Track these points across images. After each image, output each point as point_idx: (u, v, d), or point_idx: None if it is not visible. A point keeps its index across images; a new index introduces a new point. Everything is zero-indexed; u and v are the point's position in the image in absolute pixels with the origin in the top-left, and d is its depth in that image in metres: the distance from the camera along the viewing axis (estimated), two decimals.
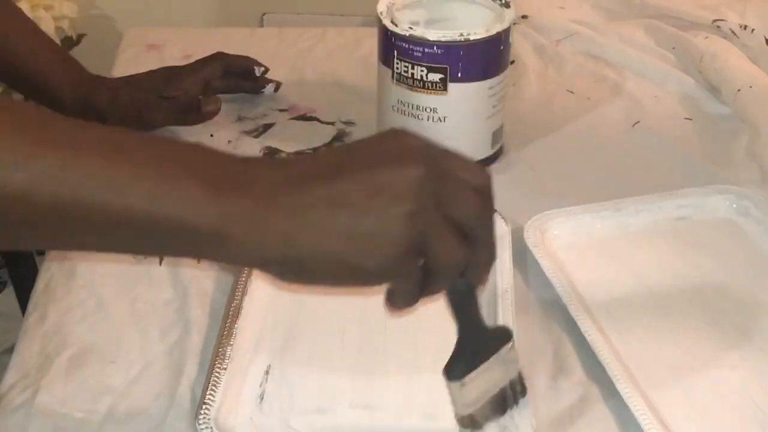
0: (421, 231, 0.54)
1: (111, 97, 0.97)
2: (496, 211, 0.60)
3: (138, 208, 0.52)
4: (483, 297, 0.78)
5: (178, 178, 0.53)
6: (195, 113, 0.99)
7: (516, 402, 0.65)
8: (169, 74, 1.01)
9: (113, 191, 0.51)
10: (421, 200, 0.54)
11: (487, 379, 0.62)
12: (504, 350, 0.62)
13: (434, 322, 0.76)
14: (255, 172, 0.55)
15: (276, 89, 1.07)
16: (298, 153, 0.98)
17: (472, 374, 0.61)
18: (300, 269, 0.55)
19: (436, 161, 0.56)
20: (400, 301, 0.58)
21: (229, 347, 0.72)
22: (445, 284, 0.58)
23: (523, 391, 0.66)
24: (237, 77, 1.05)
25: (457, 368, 0.61)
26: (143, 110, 0.97)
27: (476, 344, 0.61)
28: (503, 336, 0.63)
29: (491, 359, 0.61)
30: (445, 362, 0.62)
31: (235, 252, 0.54)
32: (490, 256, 0.59)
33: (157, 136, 0.54)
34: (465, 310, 0.61)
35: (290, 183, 0.54)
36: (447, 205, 0.55)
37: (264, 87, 1.07)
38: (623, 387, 0.69)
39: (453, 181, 0.56)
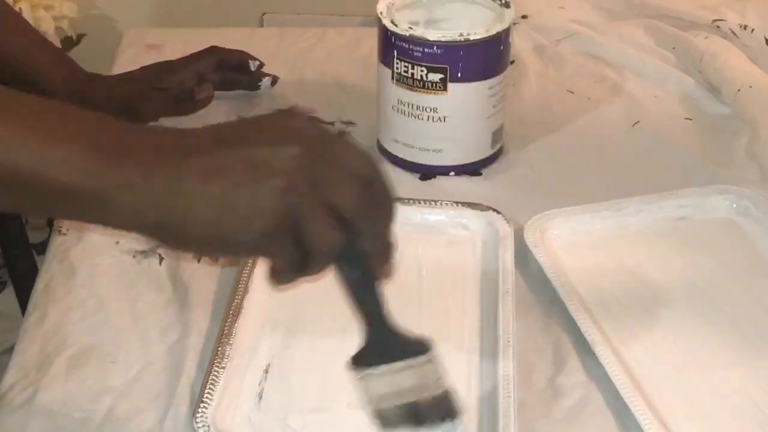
0: (292, 209, 0.55)
1: (106, 93, 0.98)
2: (394, 203, 0.60)
3: (25, 167, 0.54)
4: (485, 297, 0.79)
5: (64, 141, 0.55)
6: (188, 102, 1.00)
7: (440, 420, 0.63)
8: (162, 67, 1.02)
9: (2, 149, 0.54)
10: (294, 179, 0.55)
11: (394, 382, 0.61)
12: (420, 360, 0.61)
13: (434, 324, 0.77)
14: (142, 139, 0.57)
15: (273, 83, 1.07)
16: None
17: (372, 371, 0.61)
18: (176, 236, 0.57)
19: (321, 145, 0.57)
20: (277, 277, 0.59)
21: (228, 346, 0.72)
22: (321, 267, 0.58)
23: (452, 414, 0.64)
24: (231, 71, 1.05)
25: (355, 359, 0.62)
26: (137, 102, 0.98)
27: (382, 342, 0.61)
28: (420, 346, 0.62)
29: (401, 364, 0.61)
30: (446, 362, 0.62)
31: (115, 216, 0.56)
32: (381, 249, 0.60)
33: (58, 103, 0.57)
34: (362, 300, 0.61)
35: (174, 152, 0.56)
36: (324, 189, 0.56)
37: (260, 81, 1.06)
38: (623, 387, 0.69)
39: (333, 166, 0.56)
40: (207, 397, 0.67)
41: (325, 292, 0.79)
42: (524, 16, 1.21)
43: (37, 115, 0.56)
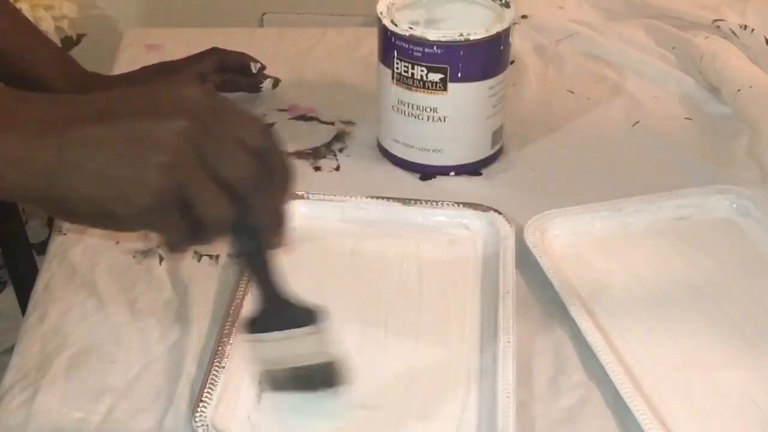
0: (176, 184, 0.54)
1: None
2: (288, 172, 0.59)
3: None
4: (486, 298, 0.79)
5: None
6: None
7: (323, 386, 0.67)
8: (163, 68, 1.01)
9: None
10: (179, 153, 0.54)
11: (283, 349, 0.64)
12: (309, 329, 0.64)
13: (435, 324, 0.77)
14: (28, 110, 0.56)
15: (275, 85, 1.07)
16: (298, 153, 0.98)
17: (263, 335, 0.63)
18: (62, 208, 0.56)
19: (211, 117, 0.56)
20: (169, 247, 0.58)
21: (228, 346, 0.72)
22: (213, 238, 0.58)
23: (336, 382, 0.67)
24: (232, 73, 1.05)
25: (251, 323, 0.64)
26: None
27: (274, 310, 0.63)
28: (312, 316, 0.64)
29: (290, 332, 0.63)
30: (442, 364, 0.62)
31: (1, 188, 0.55)
32: (274, 221, 0.59)
33: None
34: (255, 272, 0.62)
35: (59, 123, 0.55)
36: (212, 163, 0.55)
37: (261, 84, 1.06)
38: (623, 387, 0.69)
39: (223, 139, 0.56)
40: (206, 397, 0.67)
41: (325, 291, 0.79)
42: (524, 16, 1.21)
43: None
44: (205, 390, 0.68)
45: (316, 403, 0.70)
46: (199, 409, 0.66)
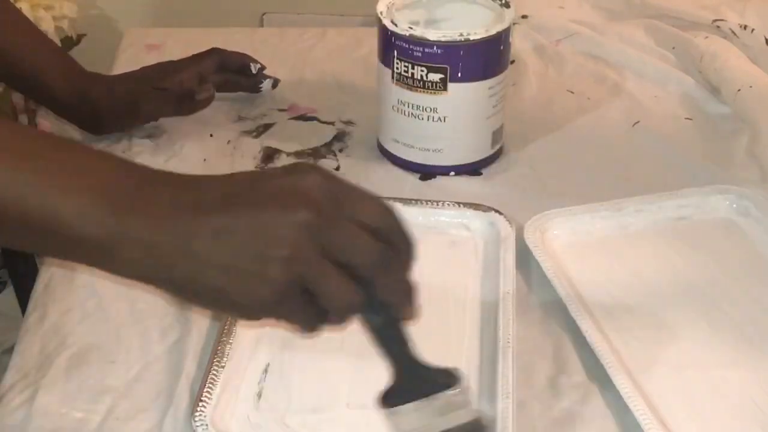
0: (299, 276, 0.55)
1: (106, 91, 0.98)
2: (411, 246, 0.60)
3: (33, 211, 0.54)
4: (486, 298, 0.79)
5: (76, 186, 0.55)
6: (189, 102, 1.00)
7: None
8: (164, 67, 1.02)
9: (14, 194, 0.54)
10: (300, 246, 0.55)
11: (424, 417, 0.61)
12: (448, 393, 0.61)
13: (435, 324, 0.77)
14: (155, 191, 0.56)
15: (274, 86, 1.07)
16: (297, 153, 0.98)
17: (402, 407, 0.61)
18: (184, 293, 0.57)
19: (332, 204, 0.56)
20: (299, 330, 0.59)
21: (228, 345, 0.72)
22: (341, 321, 0.59)
23: None
24: (233, 73, 1.05)
25: (385, 397, 0.61)
26: (138, 101, 0.98)
27: (411, 380, 0.61)
28: (449, 378, 0.62)
29: (431, 398, 0.61)
30: (446, 362, 0.62)
31: (122, 268, 0.57)
32: (402, 296, 0.59)
33: (74, 143, 0.57)
34: (388, 345, 0.61)
35: (185, 208, 0.55)
36: (336, 251, 0.55)
37: (261, 84, 1.06)
38: (623, 387, 0.69)
39: (345, 226, 0.56)
40: (206, 396, 0.67)
41: None
42: (524, 16, 1.21)
43: (51, 154, 0.56)
44: (205, 390, 0.68)
45: (315, 402, 0.70)
46: (198, 409, 0.66)
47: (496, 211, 0.86)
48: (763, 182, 0.94)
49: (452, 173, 0.95)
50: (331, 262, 0.56)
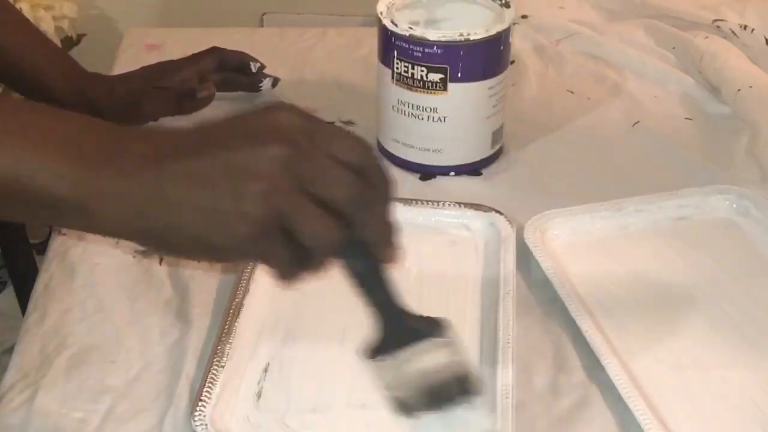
0: (278, 212, 0.54)
1: (107, 90, 0.98)
2: (387, 181, 0.58)
3: (5, 174, 0.54)
4: (486, 298, 0.79)
5: (45, 147, 0.54)
6: (190, 101, 1.00)
7: (459, 399, 0.63)
8: (164, 67, 1.02)
9: None
10: (278, 180, 0.54)
11: (413, 366, 0.61)
12: (435, 342, 0.60)
13: None
14: (125, 144, 0.56)
15: (274, 84, 1.07)
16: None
17: (388, 356, 0.60)
18: (163, 243, 0.57)
19: (305, 139, 0.55)
20: (279, 276, 0.58)
21: (228, 345, 0.72)
22: (323, 262, 0.57)
23: (472, 390, 0.64)
24: (232, 72, 1.05)
25: (369, 348, 0.60)
26: (138, 101, 0.98)
27: (396, 329, 0.60)
28: (436, 326, 0.61)
29: (418, 346, 0.60)
30: None
31: (98, 224, 0.56)
32: (383, 234, 0.58)
33: (40, 105, 0.57)
34: (371, 291, 0.60)
35: (155, 158, 0.55)
36: (313, 186, 0.55)
37: (261, 83, 1.06)
38: (623, 387, 0.69)
39: (321, 159, 0.55)
40: (206, 396, 0.67)
41: (327, 291, 0.79)
42: (524, 16, 1.21)
43: (17, 117, 0.56)
44: (205, 389, 0.68)
45: (315, 402, 0.70)
46: (198, 409, 0.66)
47: (497, 211, 0.86)
48: (763, 182, 0.94)
49: (452, 173, 0.95)
50: (309, 197, 0.54)
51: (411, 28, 0.89)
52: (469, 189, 0.93)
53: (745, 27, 1.14)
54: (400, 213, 0.85)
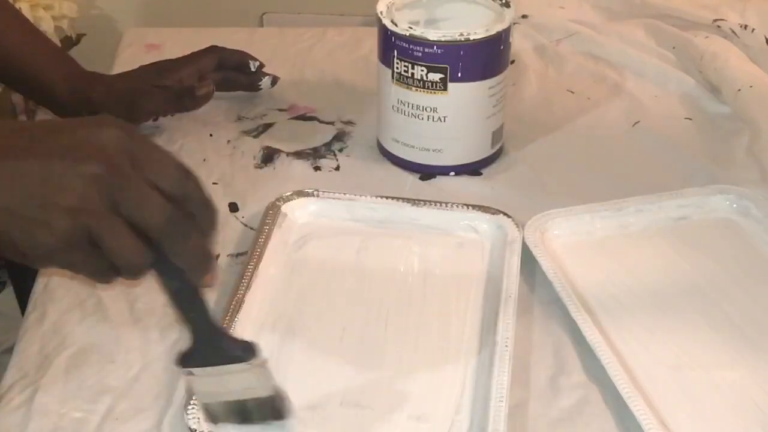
0: (85, 227, 0.55)
1: (106, 89, 0.98)
2: (213, 211, 0.59)
3: None
4: (488, 300, 0.79)
5: None
6: (189, 99, 1.00)
7: (263, 420, 0.65)
8: (163, 66, 1.02)
9: None
10: (87, 198, 0.54)
11: (219, 384, 0.63)
12: (244, 366, 0.62)
13: (436, 325, 0.77)
14: None
15: (273, 83, 1.07)
16: (297, 153, 0.98)
17: (196, 371, 0.62)
18: None
19: (126, 161, 0.56)
20: (93, 279, 0.59)
21: None
22: (132, 277, 0.58)
23: (279, 415, 0.65)
24: (232, 71, 1.05)
25: (183, 358, 0.62)
26: (137, 99, 0.98)
27: (207, 346, 0.61)
28: (245, 350, 0.62)
29: (227, 367, 0.61)
30: (439, 365, 0.62)
31: None
32: (197, 263, 0.58)
33: None
34: (183, 309, 0.61)
35: None
36: (125, 208, 0.55)
37: (260, 82, 1.06)
38: (623, 387, 0.69)
39: (137, 184, 0.56)
40: None
41: (327, 291, 0.80)
42: (524, 16, 1.21)
43: None
44: None
45: (310, 400, 0.69)
46: (192, 403, 0.66)
47: (505, 214, 0.85)
48: (763, 182, 0.94)
49: (452, 173, 0.95)
50: (119, 217, 0.55)
51: (411, 28, 0.89)
52: (469, 189, 0.93)
53: (746, 27, 1.14)
54: (408, 213, 0.86)
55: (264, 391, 0.64)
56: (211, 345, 0.61)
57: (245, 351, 0.62)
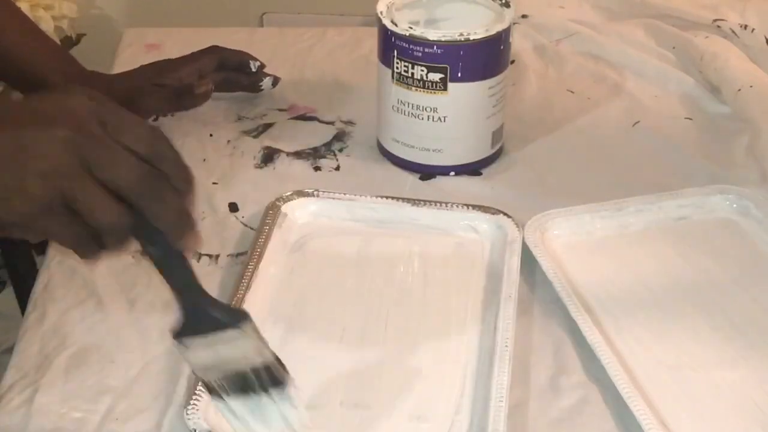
0: (60, 192, 0.55)
1: (105, 88, 0.98)
2: (188, 175, 0.59)
3: None
4: (488, 300, 0.79)
5: None
6: (187, 97, 1.00)
7: (265, 389, 0.63)
8: (163, 65, 1.02)
9: None
10: (60, 162, 0.55)
11: (215, 354, 0.61)
12: (236, 332, 0.61)
13: (435, 325, 0.77)
14: None
15: (274, 84, 1.07)
16: (297, 153, 0.98)
17: (190, 342, 0.61)
18: None
19: (96, 124, 0.56)
20: (76, 253, 0.59)
21: None
22: (114, 244, 0.58)
23: (276, 382, 0.63)
24: (233, 72, 1.05)
25: (175, 330, 0.61)
26: (136, 98, 0.98)
27: (196, 314, 0.61)
28: (235, 316, 0.61)
29: (219, 336, 0.61)
30: (439, 365, 0.62)
31: None
32: (176, 224, 0.58)
33: None
34: (169, 276, 0.60)
35: None
36: (98, 169, 0.56)
37: (261, 83, 1.06)
38: (623, 387, 0.69)
39: (109, 146, 0.56)
40: (199, 391, 0.67)
41: (329, 289, 0.80)
42: (524, 16, 1.21)
43: None
44: (198, 384, 0.67)
45: (309, 400, 0.69)
46: (192, 402, 0.66)
47: (505, 214, 0.85)
48: (763, 182, 0.93)
49: (452, 173, 0.95)
50: (93, 179, 0.56)
51: (411, 28, 0.89)
52: (469, 189, 0.93)
53: (746, 27, 1.14)
54: (408, 213, 0.86)
55: (260, 359, 0.62)
56: (200, 313, 0.60)
57: (235, 317, 0.61)
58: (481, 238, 0.85)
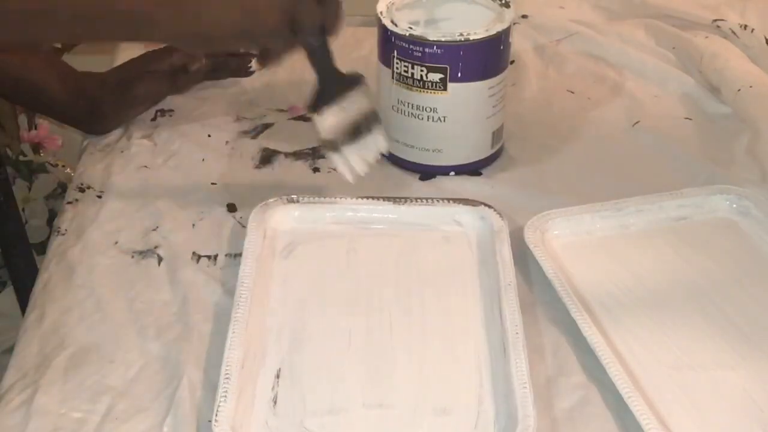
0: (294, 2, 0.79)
1: (99, 84, 0.99)
2: None
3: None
4: (486, 292, 0.79)
5: None
6: (183, 77, 1.02)
7: (369, 128, 0.85)
8: (151, 54, 1.03)
9: None
10: None
11: (342, 113, 0.84)
12: (356, 92, 0.84)
13: (439, 321, 0.77)
14: None
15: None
16: (296, 154, 0.98)
17: (328, 108, 0.84)
18: (206, 40, 0.80)
19: None
20: (270, 59, 0.84)
21: (234, 352, 0.71)
22: (305, 42, 0.82)
23: (377, 119, 0.86)
24: (220, 56, 1.06)
25: (314, 103, 0.84)
26: (132, 86, 1.00)
27: (332, 87, 0.84)
28: (355, 81, 0.84)
29: (346, 98, 0.84)
30: (451, 359, 0.67)
31: (160, 31, 0.79)
32: (336, 12, 0.83)
33: None
34: (321, 61, 0.83)
35: None
36: None
37: (250, 64, 1.06)
38: (623, 387, 0.69)
39: None
40: (222, 404, 0.67)
41: (325, 297, 0.79)
42: (524, 16, 1.21)
43: None
44: (221, 398, 0.67)
45: (331, 404, 0.69)
46: (217, 417, 0.66)
47: (487, 205, 0.86)
48: (763, 182, 0.94)
49: (452, 173, 0.95)
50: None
51: (411, 28, 0.89)
52: (469, 189, 0.93)
53: (745, 27, 1.14)
54: (392, 212, 0.87)
55: (369, 105, 0.85)
56: (333, 83, 0.84)
57: (357, 80, 0.85)
58: (465, 230, 0.85)
